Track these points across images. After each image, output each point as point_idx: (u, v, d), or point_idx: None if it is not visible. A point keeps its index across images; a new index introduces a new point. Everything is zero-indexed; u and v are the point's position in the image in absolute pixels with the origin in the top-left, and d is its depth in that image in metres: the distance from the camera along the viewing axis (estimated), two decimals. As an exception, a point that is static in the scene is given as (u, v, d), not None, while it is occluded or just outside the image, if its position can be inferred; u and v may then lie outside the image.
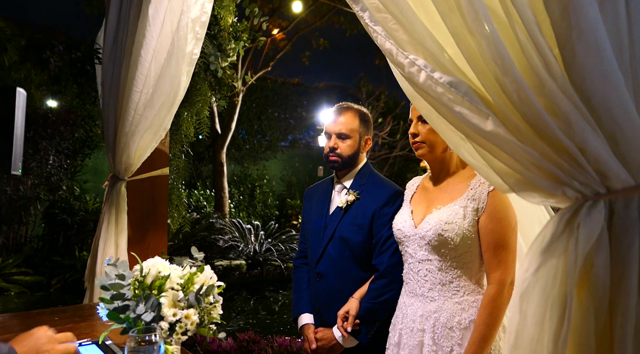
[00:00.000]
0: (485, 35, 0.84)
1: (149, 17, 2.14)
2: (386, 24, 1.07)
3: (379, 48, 1.07)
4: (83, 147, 8.80)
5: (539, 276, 0.78)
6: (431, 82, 0.94)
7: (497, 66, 0.81)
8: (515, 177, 0.83)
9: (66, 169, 8.17)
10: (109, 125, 2.44)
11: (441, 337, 1.68)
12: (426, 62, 0.97)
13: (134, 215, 2.57)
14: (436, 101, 0.93)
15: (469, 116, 0.87)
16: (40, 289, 6.88)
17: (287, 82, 13.68)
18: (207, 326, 1.45)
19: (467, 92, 0.88)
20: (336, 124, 2.24)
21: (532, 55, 0.78)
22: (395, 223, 1.91)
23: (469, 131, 0.89)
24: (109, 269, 1.37)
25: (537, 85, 0.77)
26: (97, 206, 8.44)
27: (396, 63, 1.02)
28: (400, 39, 1.04)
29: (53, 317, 1.91)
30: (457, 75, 0.92)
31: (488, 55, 0.83)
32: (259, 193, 12.31)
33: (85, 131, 8.78)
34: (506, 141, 0.82)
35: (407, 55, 1.00)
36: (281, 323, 6.13)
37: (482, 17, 0.84)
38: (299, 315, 2.31)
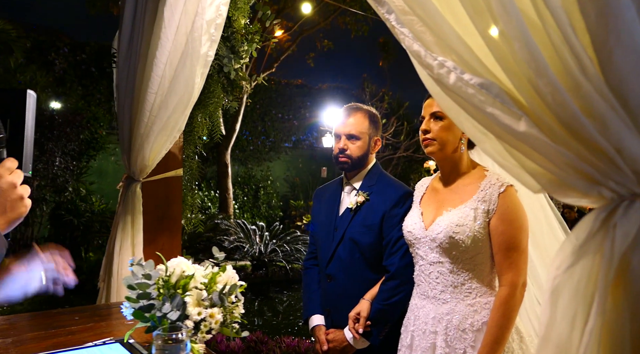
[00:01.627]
0: (518, 38, 0.85)
1: (164, 20, 2.16)
2: (413, 26, 1.09)
3: (407, 50, 1.09)
4: (88, 148, 8.83)
5: (572, 274, 0.79)
6: (461, 83, 0.95)
7: (531, 68, 0.83)
8: (548, 177, 0.85)
9: (72, 171, 8.20)
10: (124, 126, 2.45)
11: (454, 339, 1.69)
12: (455, 64, 0.98)
13: (148, 216, 2.59)
14: (467, 102, 0.95)
15: (501, 117, 0.88)
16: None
17: (291, 84, 13.69)
18: (230, 325, 1.46)
19: (499, 94, 0.90)
20: (346, 125, 2.25)
21: (567, 57, 0.80)
22: (405, 225, 1.92)
23: (501, 132, 0.90)
24: (136, 269, 1.39)
25: (572, 87, 0.79)
26: (102, 207, 8.47)
27: (425, 65, 1.03)
28: (428, 40, 1.05)
29: (73, 316, 1.93)
30: (488, 76, 0.94)
31: (520, 58, 0.85)
32: (262, 194, 12.32)
33: (91, 132, 8.81)
34: (539, 142, 0.83)
35: (436, 57, 1.02)
36: (288, 324, 6.14)
37: (514, 20, 0.86)
38: (310, 316, 2.32)
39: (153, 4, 2.25)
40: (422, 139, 1.86)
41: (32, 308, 6.22)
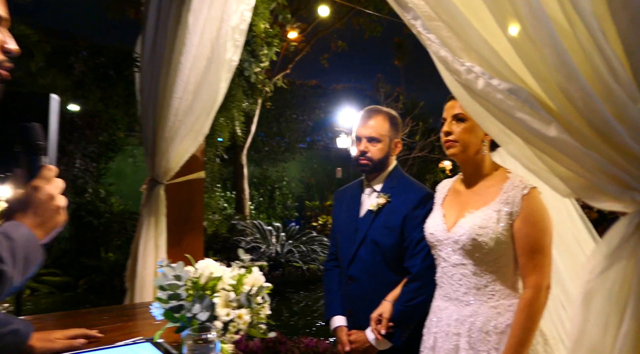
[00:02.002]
0: (547, 43, 0.86)
1: (188, 26, 2.20)
2: (439, 32, 1.10)
3: (434, 56, 1.10)
4: (107, 150, 8.97)
5: (605, 278, 0.80)
6: (490, 89, 0.96)
7: (561, 74, 0.84)
8: (579, 181, 0.86)
9: (91, 172, 8.34)
10: (148, 130, 2.50)
11: (477, 341, 1.68)
12: (483, 69, 1.00)
13: (171, 217, 2.64)
14: (495, 108, 0.96)
15: (531, 122, 0.89)
16: (69, 290, 7.05)
17: (305, 84, 13.73)
18: (257, 326, 1.49)
19: (528, 99, 0.91)
20: (366, 127, 2.25)
21: (598, 62, 0.80)
22: (427, 227, 1.92)
23: (530, 136, 0.91)
24: (167, 270, 1.42)
25: (603, 92, 0.80)
26: (121, 208, 8.60)
27: (452, 70, 1.05)
28: (455, 46, 1.07)
29: (102, 316, 1.97)
30: (516, 81, 0.95)
31: (550, 63, 0.86)
32: (278, 195, 12.39)
33: (109, 134, 8.95)
34: (570, 146, 0.84)
35: (464, 62, 1.03)
36: (305, 324, 6.17)
37: (543, 25, 0.87)
38: (332, 317, 2.33)
39: (176, 10, 2.29)
40: (443, 141, 1.85)
41: (56, 307, 6.36)
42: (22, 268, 0.93)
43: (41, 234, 1.01)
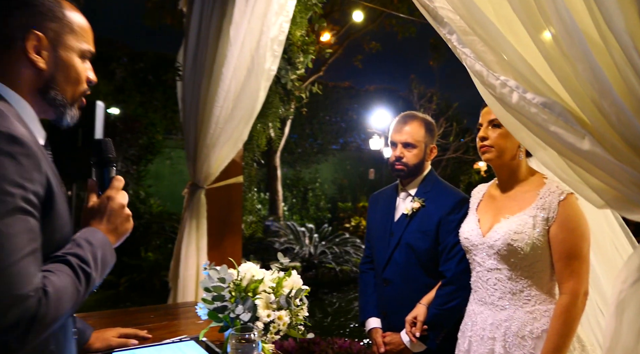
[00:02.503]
0: (581, 59, 0.89)
1: (229, 38, 2.29)
2: (474, 46, 1.13)
3: (469, 69, 1.14)
4: (146, 153, 9.26)
5: (638, 288, 0.82)
6: (524, 103, 0.99)
7: (594, 89, 0.86)
8: (612, 194, 0.88)
9: (132, 175, 8.63)
10: (190, 137, 2.61)
11: (513, 346, 1.68)
12: (517, 83, 1.03)
13: (211, 220, 2.74)
14: (529, 121, 0.99)
15: (565, 135, 0.92)
16: (111, 288, 7.31)
17: (338, 86, 13.77)
18: (296, 327, 1.56)
19: (562, 113, 0.94)
20: (402, 133, 2.29)
21: (631, 79, 0.83)
22: (462, 232, 1.92)
23: (564, 149, 0.94)
24: (212, 273, 1.50)
25: (637, 107, 0.82)
26: (160, 209, 8.86)
27: (487, 84, 1.08)
28: (490, 60, 1.10)
29: (149, 315, 2.09)
30: (550, 95, 0.97)
31: (584, 79, 0.88)
32: (311, 196, 12.48)
33: (148, 137, 9.24)
34: (603, 160, 0.87)
35: (498, 76, 1.06)
36: (339, 326, 6.21)
37: (577, 42, 0.89)
38: (367, 319, 2.38)
39: (217, 22, 2.39)
40: (479, 146, 1.86)
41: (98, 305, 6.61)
42: (100, 270, 1.05)
43: (113, 239, 1.15)
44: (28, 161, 0.94)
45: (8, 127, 0.94)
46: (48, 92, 1.12)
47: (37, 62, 1.08)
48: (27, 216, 0.92)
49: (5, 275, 0.86)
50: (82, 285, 0.99)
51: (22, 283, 0.87)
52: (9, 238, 0.88)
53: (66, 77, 1.14)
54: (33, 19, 1.08)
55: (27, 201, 0.92)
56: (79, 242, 1.05)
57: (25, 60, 1.08)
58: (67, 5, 1.16)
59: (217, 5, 2.44)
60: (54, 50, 1.11)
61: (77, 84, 1.17)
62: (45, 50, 1.09)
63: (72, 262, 0.99)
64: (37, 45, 1.08)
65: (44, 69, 1.10)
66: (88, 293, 1.03)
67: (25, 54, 1.07)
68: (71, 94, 1.16)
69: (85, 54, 1.18)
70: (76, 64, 1.16)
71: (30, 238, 0.92)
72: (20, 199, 0.91)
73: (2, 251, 0.86)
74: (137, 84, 10.24)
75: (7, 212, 0.88)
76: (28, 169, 0.93)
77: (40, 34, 1.08)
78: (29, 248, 0.91)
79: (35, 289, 0.88)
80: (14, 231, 0.89)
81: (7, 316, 0.84)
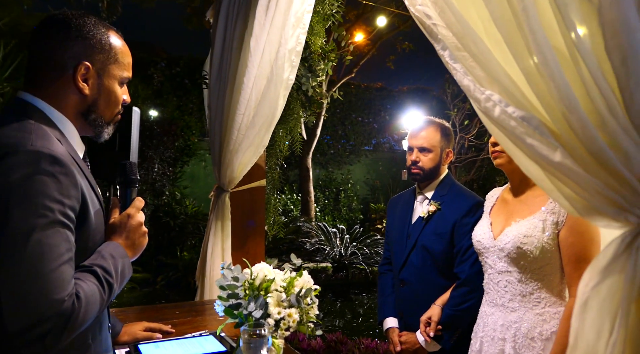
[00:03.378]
0: (554, 78, 0.95)
1: (250, 49, 2.43)
2: (465, 62, 1.20)
3: (459, 83, 1.21)
4: (182, 155, 9.57)
5: (598, 291, 0.88)
6: (505, 116, 1.06)
7: (564, 105, 0.92)
8: (582, 203, 0.94)
9: (168, 176, 8.94)
10: (215, 143, 2.75)
11: (522, 347, 1.72)
12: (501, 97, 1.09)
13: (235, 222, 2.88)
14: (510, 133, 1.05)
15: (539, 148, 0.98)
16: (148, 285, 7.60)
17: (371, 87, 13.77)
18: (306, 324, 1.65)
19: (538, 126, 1.00)
20: (418, 138, 2.36)
21: (596, 96, 0.89)
22: (475, 234, 1.98)
23: (540, 160, 1.00)
24: (226, 272, 1.62)
25: (600, 123, 0.88)
26: (195, 210, 9.12)
27: (474, 98, 1.15)
28: (478, 75, 1.17)
29: (175, 311, 2.23)
30: (530, 110, 1.04)
31: (556, 95, 0.94)
32: (343, 197, 12.54)
33: (184, 140, 9.54)
34: (573, 171, 0.93)
35: (484, 91, 1.13)
36: (368, 326, 6.27)
37: (550, 61, 0.96)
38: (384, 319, 2.46)
39: (240, 34, 2.53)
40: (491, 152, 1.92)
41: (136, 301, 6.90)
42: (120, 281, 1.19)
43: (131, 254, 1.29)
44: (66, 179, 1.06)
45: (50, 148, 1.07)
46: (90, 115, 1.26)
47: (83, 89, 1.22)
48: (64, 228, 1.04)
49: (45, 281, 0.97)
50: (105, 294, 1.11)
51: (58, 288, 0.98)
52: (49, 248, 0.99)
53: (107, 102, 1.27)
54: (85, 51, 1.21)
55: (65, 215, 1.04)
56: (104, 255, 1.17)
57: (73, 86, 1.21)
58: (114, 34, 1.29)
59: (240, 18, 2.58)
60: (99, 79, 1.24)
61: (115, 107, 1.30)
62: (91, 78, 1.23)
63: (99, 272, 1.11)
64: (84, 74, 1.21)
65: (87, 95, 1.23)
66: (109, 302, 1.16)
67: (74, 82, 1.21)
68: (109, 115, 1.30)
69: (124, 81, 1.32)
70: (116, 90, 1.29)
71: (66, 248, 1.03)
72: (59, 213, 1.03)
73: (43, 259, 0.98)
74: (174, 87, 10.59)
75: (48, 225, 1.00)
76: (66, 187, 1.06)
77: (89, 64, 1.21)
78: (65, 257, 1.02)
79: (69, 294, 1.00)
80: (53, 241, 1.00)
81: (44, 318, 0.96)
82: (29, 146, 1.04)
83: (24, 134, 1.08)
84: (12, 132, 1.08)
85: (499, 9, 1.08)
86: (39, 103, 1.20)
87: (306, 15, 2.40)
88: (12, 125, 1.11)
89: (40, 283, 0.97)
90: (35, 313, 0.95)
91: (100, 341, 1.24)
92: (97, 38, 1.23)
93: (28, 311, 0.95)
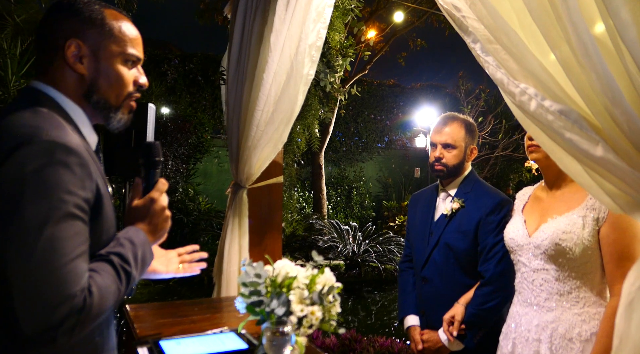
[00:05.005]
0: (595, 69, 0.91)
1: (270, 44, 2.40)
2: (497, 55, 1.17)
3: (492, 77, 1.17)
4: (195, 152, 9.60)
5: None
6: (542, 110, 1.03)
7: (607, 98, 0.89)
8: (625, 199, 0.90)
9: (182, 173, 8.98)
10: (233, 139, 2.74)
11: (559, 348, 1.66)
12: (537, 91, 1.06)
13: (253, 219, 2.86)
14: (547, 127, 1.02)
15: (579, 142, 0.95)
16: (161, 282, 7.64)
17: (383, 84, 13.70)
18: (329, 322, 1.63)
19: (577, 120, 0.97)
20: (442, 134, 2.32)
21: (642, 88, 0.85)
22: (507, 232, 1.91)
23: (579, 155, 0.97)
24: (249, 269, 1.60)
25: (646, 116, 0.84)
26: (208, 207, 9.15)
27: (507, 92, 1.12)
28: (511, 68, 1.14)
29: (193, 308, 2.22)
30: (567, 103, 1.00)
31: (598, 87, 0.91)
32: (355, 195, 12.50)
33: (197, 137, 9.57)
34: (616, 166, 0.89)
35: (518, 84, 1.10)
36: (382, 324, 6.25)
37: (591, 51, 0.92)
38: (405, 317, 2.42)
39: (259, 29, 2.51)
40: (527, 145, 1.84)
41: (150, 297, 6.94)
42: (140, 268, 1.15)
43: (152, 239, 1.25)
44: (81, 170, 1.03)
45: (64, 138, 1.04)
46: (92, 96, 1.20)
47: (77, 69, 1.17)
48: (78, 221, 1.01)
49: (56, 276, 0.95)
50: (122, 283, 1.09)
51: (70, 283, 0.96)
52: (62, 242, 0.97)
53: (108, 82, 1.20)
54: (74, 27, 1.16)
55: (79, 207, 1.02)
56: (122, 242, 1.14)
57: (69, 66, 1.17)
58: (110, 12, 1.22)
59: (259, 13, 2.56)
60: (95, 57, 1.18)
61: (120, 88, 1.23)
62: (86, 57, 1.17)
63: (115, 261, 1.09)
64: (76, 52, 1.16)
65: (85, 74, 1.18)
66: (129, 289, 1.13)
67: (65, 61, 1.16)
68: (114, 98, 1.23)
69: (130, 58, 1.24)
70: (118, 69, 1.22)
71: (79, 242, 1.01)
72: (72, 205, 1.00)
73: (55, 253, 0.96)
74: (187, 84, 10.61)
75: (61, 218, 0.98)
76: (81, 178, 1.03)
77: (80, 41, 1.16)
78: (78, 251, 1.00)
79: (81, 289, 0.97)
80: (66, 235, 0.98)
81: (56, 313, 0.94)
82: (44, 136, 1.02)
83: (38, 123, 1.05)
84: (27, 122, 1.05)
85: (535, 0, 1.05)
86: (49, 91, 1.16)
87: (327, 9, 2.37)
88: (25, 114, 1.07)
89: (52, 278, 0.95)
90: (47, 307, 0.94)
91: (108, 339, 1.22)
92: (87, 14, 1.18)
93: (40, 306, 0.94)
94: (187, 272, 1.67)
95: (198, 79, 10.72)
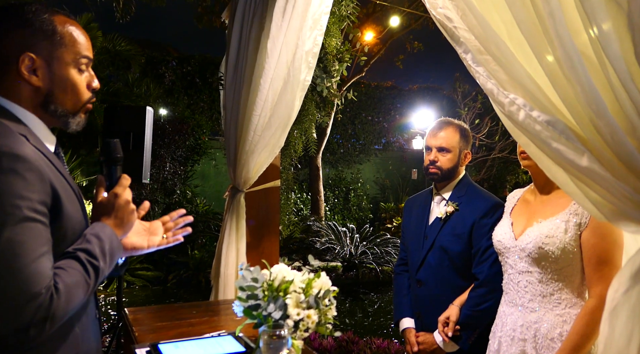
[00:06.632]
0: (580, 81, 0.95)
1: (267, 50, 2.44)
2: (488, 65, 1.20)
3: (482, 87, 1.21)
4: (193, 154, 9.62)
5: (629, 297, 0.88)
6: (530, 120, 1.06)
7: (592, 110, 0.92)
8: (609, 207, 0.94)
9: (179, 175, 8.99)
10: (230, 143, 2.77)
11: (542, 347, 1.72)
12: (525, 101, 1.09)
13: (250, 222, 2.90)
14: (535, 137, 1.05)
15: (566, 152, 0.98)
16: (159, 284, 7.64)
17: (381, 86, 13.72)
18: (325, 325, 1.66)
19: (564, 130, 1.00)
20: (437, 138, 2.36)
21: (625, 100, 0.88)
22: (495, 234, 1.97)
23: (566, 165, 1.00)
24: (246, 273, 1.63)
25: (629, 128, 0.88)
26: (206, 209, 9.16)
27: (497, 102, 1.15)
28: (501, 79, 1.17)
29: (191, 311, 2.25)
30: (555, 114, 1.03)
31: (583, 99, 0.94)
32: (353, 196, 12.52)
33: (195, 139, 9.58)
34: (601, 176, 0.92)
35: (507, 94, 1.13)
36: (379, 326, 6.26)
37: (576, 63, 0.95)
38: (401, 319, 2.45)
39: (256, 36, 2.54)
40: (519, 152, 1.90)
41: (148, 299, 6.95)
42: (109, 261, 1.18)
43: (120, 232, 1.28)
44: (31, 175, 1.05)
45: (10, 146, 1.05)
46: (49, 106, 1.21)
47: (32, 81, 1.17)
48: (35, 223, 1.04)
49: (20, 276, 0.98)
50: (90, 277, 1.11)
51: (35, 282, 0.99)
52: (20, 245, 1.00)
53: (64, 90, 1.21)
54: (26, 41, 1.16)
55: (34, 210, 1.04)
56: (88, 238, 1.16)
57: (23, 79, 1.17)
58: (59, 19, 1.22)
59: (256, 20, 2.60)
60: (49, 68, 1.19)
61: (76, 95, 1.24)
62: (40, 68, 1.17)
63: (81, 257, 1.11)
64: (30, 65, 1.16)
65: (40, 86, 1.18)
66: (98, 283, 1.16)
67: (19, 75, 1.16)
68: (72, 105, 1.24)
69: (82, 63, 1.24)
70: (73, 77, 1.23)
71: (40, 243, 1.04)
72: (27, 209, 1.02)
73: (15, 256, 0.99)
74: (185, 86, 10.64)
75: (16, 222, 1.00)
76: (32, 182, 1.05)
77: (32, 54, 1.16)
78: (39, 251, 1.02)
79: (47, 286, 1.01)
80: (25, 238, 1.01)
81: (24, 312, 0.97)
82: None
83: None
84: None
85: (522, 12, 1.08)
86: (3, 102, 1.17)
87: (323, 17, 2.41)
88: None
89: (16, 279, 0.98)
90: (14, 307, 0.97)
91: (89, 330, 1.24)
92: (38, 26, 1.17)
93: (6, 307, 0.96)
94: (170, 242, 1.61)
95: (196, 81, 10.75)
